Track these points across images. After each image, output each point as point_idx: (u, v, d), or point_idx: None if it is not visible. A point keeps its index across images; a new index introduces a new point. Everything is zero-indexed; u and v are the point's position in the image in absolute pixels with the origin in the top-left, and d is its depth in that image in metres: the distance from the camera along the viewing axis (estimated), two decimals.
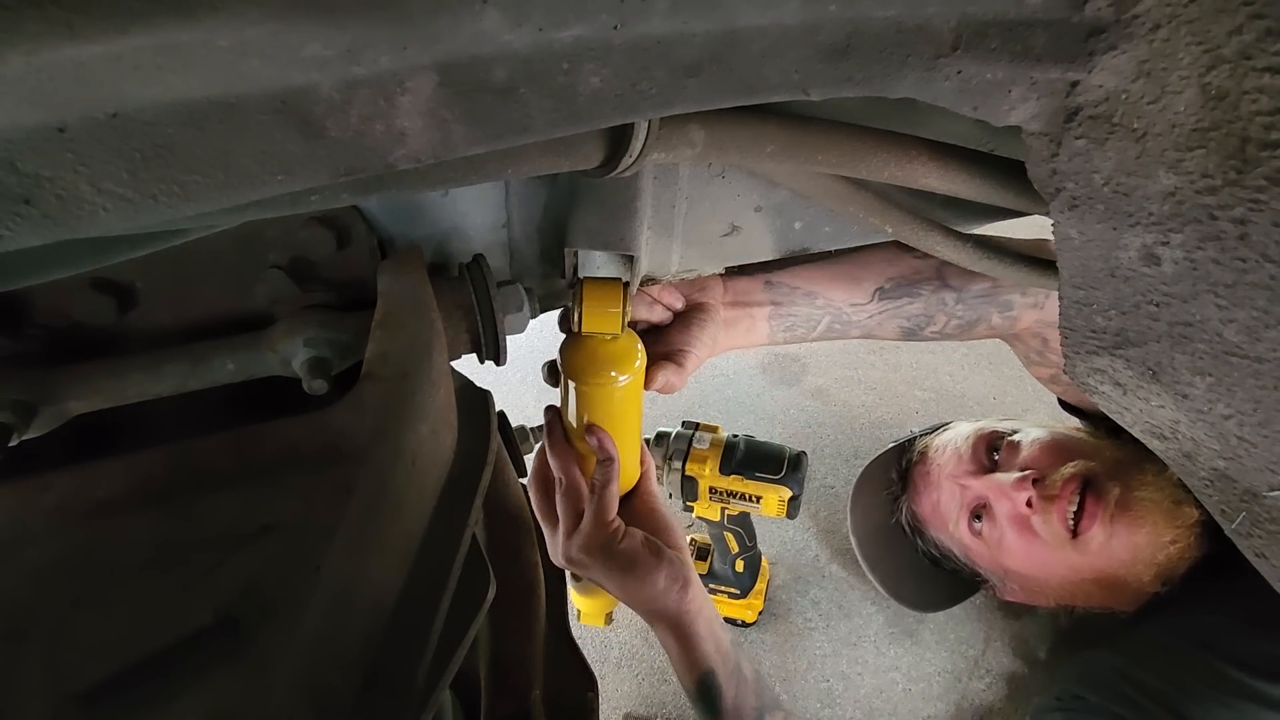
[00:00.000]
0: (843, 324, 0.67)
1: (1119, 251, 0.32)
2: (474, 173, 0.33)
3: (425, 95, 0.22)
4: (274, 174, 0.21)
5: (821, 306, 0.66)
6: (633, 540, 0.56)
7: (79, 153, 0.19)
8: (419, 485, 0.37)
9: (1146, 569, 0.74)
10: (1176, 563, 0.74)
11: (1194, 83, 0.24)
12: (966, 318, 0.67)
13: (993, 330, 0.70)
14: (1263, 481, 0.33)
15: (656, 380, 0.57)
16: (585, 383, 0.53)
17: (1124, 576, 0.76)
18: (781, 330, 0.66)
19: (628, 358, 0.53)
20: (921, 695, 0.93)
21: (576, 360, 0.52)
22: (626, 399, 0.55)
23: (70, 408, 0.39)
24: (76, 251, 0.29)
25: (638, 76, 0.25)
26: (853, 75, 0.27)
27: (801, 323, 0.66)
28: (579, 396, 0.54)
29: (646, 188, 0.46)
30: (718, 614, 0.60)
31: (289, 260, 0.42)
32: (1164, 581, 0.75)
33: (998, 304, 0.67)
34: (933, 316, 0.67)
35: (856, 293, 0.66)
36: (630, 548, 0.55)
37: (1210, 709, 0.64)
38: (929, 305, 0.67)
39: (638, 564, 0.55)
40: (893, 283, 0.66)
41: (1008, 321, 0.69)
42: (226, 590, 0.30)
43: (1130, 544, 0.74)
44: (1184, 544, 0.73)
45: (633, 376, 0.53)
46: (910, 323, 0.68)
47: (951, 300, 0.66)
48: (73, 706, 0.26)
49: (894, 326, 0.68)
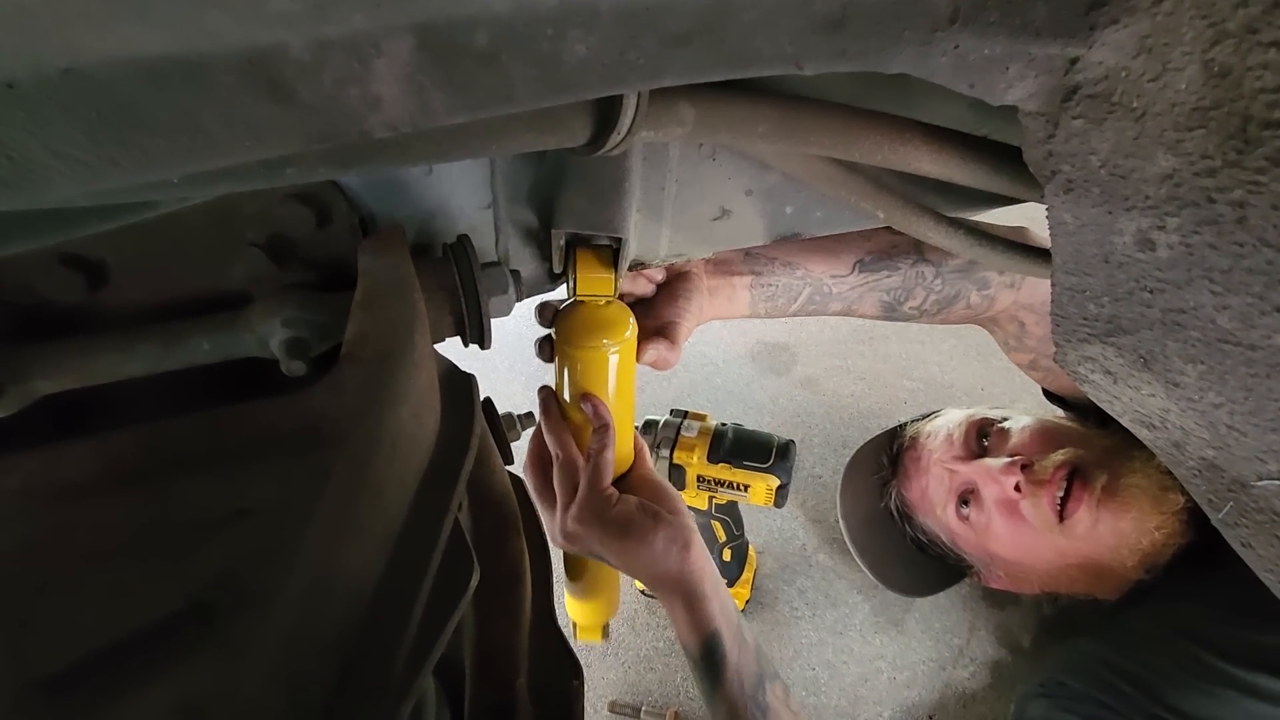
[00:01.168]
0: (823, 296, 0.68)
1: (1114, 236, 0.32)
2: (457, 148, 0.32)
3: (402, 59, 0.21)
4: (242, 139, 0.20)
5: (801, 277, 0.67)
6: (627, 505, 0.56)
7: (30, 111, 0.17)
8: (400, 470, 0.36)
9: (1131, 555, 0.75)
10: (1161, 549, 0.75)
11: (1196, 59, 0.23)
12: (945, 293, 0.69)
13: (970, 310, 0.71)
14: (1251, 471, 0.33)
15: (648, 354, 0.57)
16: (578, 347, 0.54)
17: (1109, 562, 0.76)
18: (763, 300, 0.67)
19: (619, 325, 0.55)
20: (906, 683, 0.93)
21: (570, 325, 0.54)
22: (618, 367, 0.56)
23: (38, 387, 0.37)
24: (40, 222, 0.28)
25: (625, 45, 0.24)
26: (847, 49, 0.26)
27: (782, 293, 0.67)
28: (572, 363, 0.56)
29: (635, 168, 0.45)
30: (722, 579, 0.59)
31: (267, 238, 0.41)
32: (1148, 569, 0.76)
33: (975, 280, 0.69)
34: (911, 290, 0.68)
35: (836, 265, 0.67)
36: (625, 511, 0.56)
37: (1191, 695, 0.65)
38: (907, 279, 0.68)
39: (634, 527, 0.55)
40: (871, 256, 0.67)
41: (985, 300, 0.70)
42: (199, 576, 0.29)
43: (1115, 529, 0.74)
44: (1169, 530, 0.74)
45: (623, 345, 0.55)
46: (890, 296, 0.69)
47: (930, 274, 0.68)
48: (36, 694, 0.25)
49: (874, 300, 0.69)
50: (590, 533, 0.56)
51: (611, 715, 0.92)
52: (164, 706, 0.26)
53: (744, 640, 0.57)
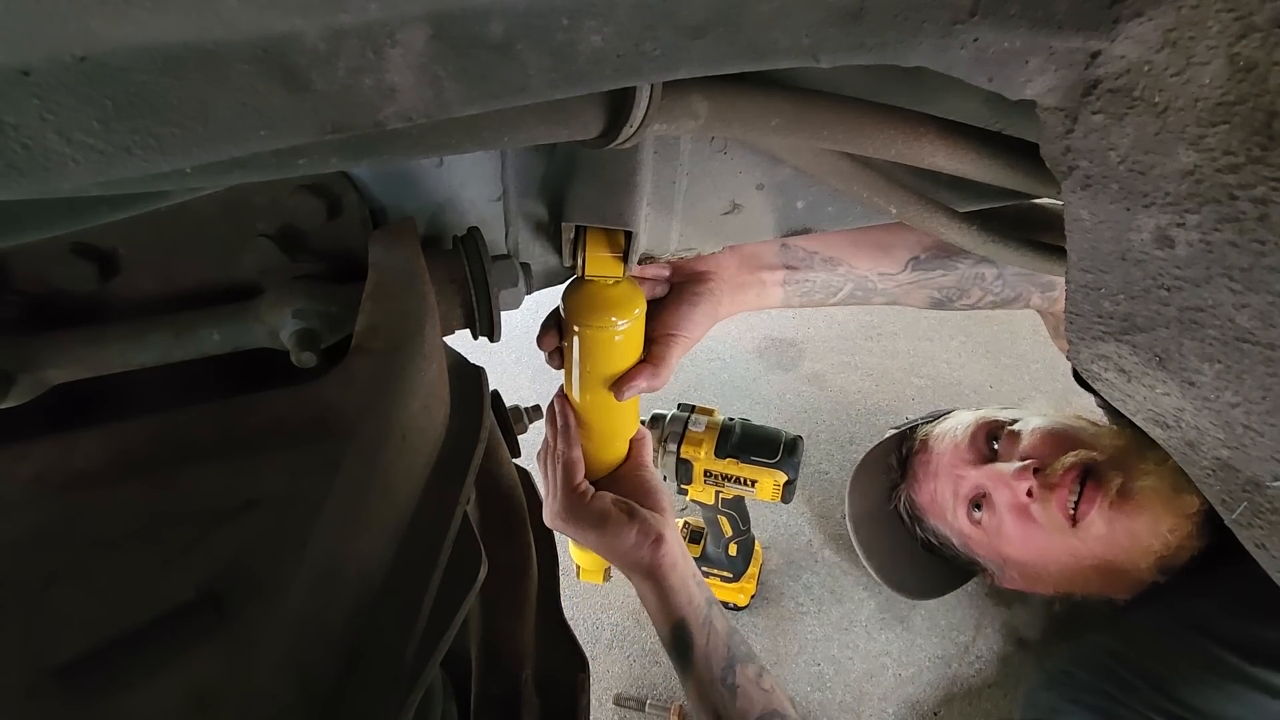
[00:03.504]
0: (866, 291, 0.65)
1: (1131, 234, 0.31)
2: (469, 139, 0.31)
3: (417, 49, 0.21)
4: (256, 128, 0.20)
5: (844, 274, 0.64)
6: (602, 501, 0.61)
7: (45, 98, 0.17)
8: (409, 462, 0.36)
9: (1145, 557, 0.74)
10: (1176, 552, 0.74)
11: (1222, 53, 0.23)
12: (1004, 295, 0.66)
13: (1029, 306, 0.69)
14: (1267, 471, 0.33)
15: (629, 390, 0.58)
16: (587, 325, 0.55)
17: (1123, 564, 0.76)
18: (798, 295, 0.64)
19: (629, 304, 0.55)
20: (912, 680, 0.93)
21: (578, 302, 0.54)
22: (626, 344, 0.57)
23: (50, 377, 0.37)
24: (53, 211, 0.28)
25: (641, 36, 0.24)
26: (865, 41, 0.26)
27: (819, 289, 0.64)
28: (580, 341, 0.56)
29: (647, 162, 0.45)
30: (695, 572, 0.63)
31: (278, 229, 0.41)
32: (1162, 570, 0.76)
33: (1039, 283, 0.66)
34: (967, 290, 0.66)
35: (885, 262, 0.64)
36: (599, 507, 0.61)
37: (1200, 689, 0.64)
38: (964, 279, 0.65)
39: (608, 521, 0.60)
40: (929, 253, 0.64)
41: (1047, 301, 0.67)
42: (209, 566, 0.29)
43: (1130, 531, 0.74)
44: (1183, 533, 0.73)
45: (632, 323, 0.55)
46: (941, 294, 0.66)
47: (991, 276, 0.65)
48: (48, 681, 0.26)
49: (923, 296, 0.66)
50: (568, 525, 0.62)
51: (616, 708, 0.92)
52: (174, 695, 0.26)
53: (713, 628, 0.61)
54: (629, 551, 0.60)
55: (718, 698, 0.59)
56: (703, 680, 0.59)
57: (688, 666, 0.60)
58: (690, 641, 0.60)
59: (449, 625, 0.34)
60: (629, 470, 0.67)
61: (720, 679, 0.59)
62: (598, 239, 0.50)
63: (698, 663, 0.60)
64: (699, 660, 0.60)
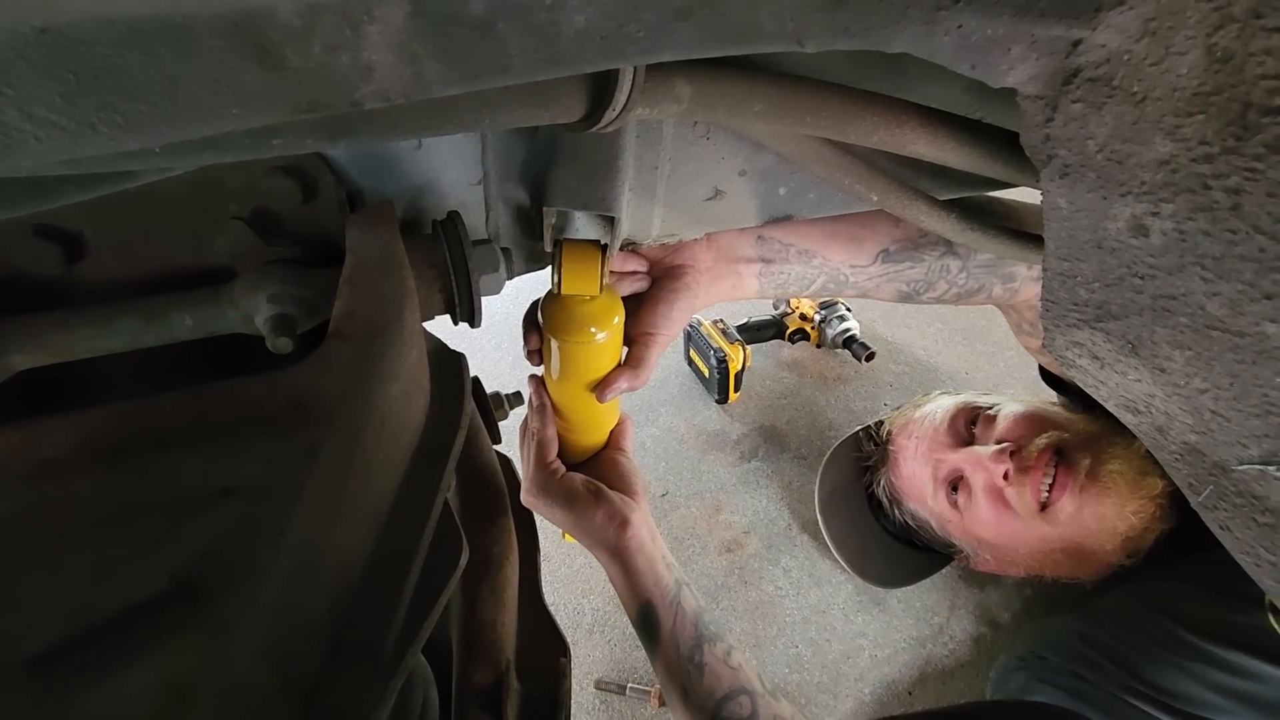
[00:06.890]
0: (838, 284, 0.66)
1: (1108, 222, 0.32)
2: (449, 121, 0.31)
3: (395, 26, 0.20)
4: (228, 106, 0.20)
5: (818, 266, 0.64)
6: (571, 482, 0.64)
7: (3, 71, 0.17)
8: (389, 448, 0.35)
9: (1111, 539, 0.76)
10: (1141, 534, 0.76)
11: (1200, 43, 0.23)
12: (968, 286, 0.67)
13: (990, 300, 0.70)
14: (1233, 455, 0.33)
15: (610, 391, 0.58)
16: (565, 339, 0.55)
17: (1090, 546, 0.78)
18: (772, 287, 0.65)
19: (606, 315, 0.54)
20: (887, 661, 0.95)
21: (556, 318, 0.54)
22: (605, 351, 0.57)
23: (14, 362, 0.36)
24: (15, 191, 0.27)
25: (625, 17, 0.23)
26: (850, 26, 0.26)
27: (794, 281, 0.65)
28: (559, 352, 0.57)
29: (629, 146, 0.44)
30: (666, 554, 0.65)
31: (251, 211, 0.40)
32: (1129, 554, 0.78)
33: (1001, 275, 0.67)
34: (933, 283, 0.66)
35: (858, 254, 0.65)
36: (567, 488, 0.63)
37: (1166, 670, 0.66)
38: (931, 271, 0.66)
39: (576, 502, 0.62)
40: (898, 245, 0.65)
41: (1008, 293, 0.68)
42: (184, 554, 0.29)
43: (1097, 514, 0.76)
44: (1147, 515, 0.75)
45: (610, 333, 0.55)
46: (909, 287, 0.67)
47: (955, 268, 0.66)
48: (18, 674, 0.25)
49: (892, 289, 0.67)
50: (538, 502, 0.64)
51: (598, 693, 0.93)
52: (150, 686, 0.25)
53: (681, 609, 0.62)
54: (594, 531, 0.62)
55: (684, 676, 0.60)
56: (670, 659, 0.61)
57: (655, 646, 0.62)
58: (657, 621, 0.61)
59: (430, 612, 0.34)
60: (606, 455, 0.69)
61: (688, 658, 0.60)
62: (573, 256, 0.50)
63: (664, 642, 0.61)
64: (665, 640, 0.61)
